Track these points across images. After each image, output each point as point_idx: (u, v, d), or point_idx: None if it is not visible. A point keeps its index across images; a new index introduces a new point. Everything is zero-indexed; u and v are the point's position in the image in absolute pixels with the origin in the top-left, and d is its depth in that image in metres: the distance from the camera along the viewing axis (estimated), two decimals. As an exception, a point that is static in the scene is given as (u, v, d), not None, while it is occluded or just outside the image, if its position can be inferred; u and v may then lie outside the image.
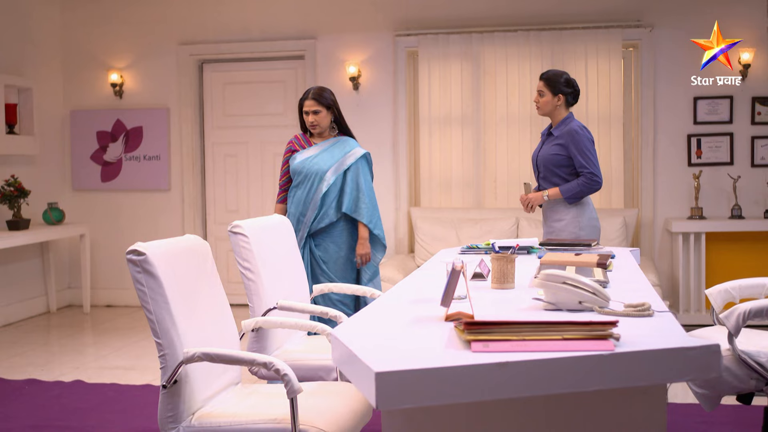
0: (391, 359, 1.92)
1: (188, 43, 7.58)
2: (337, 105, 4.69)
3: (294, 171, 4.66)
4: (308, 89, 4.64)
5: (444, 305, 2.37)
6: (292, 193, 4.66)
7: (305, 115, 4.61)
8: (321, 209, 4.58)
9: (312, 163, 4.60)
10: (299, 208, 4.60)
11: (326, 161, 4.59)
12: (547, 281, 2.53)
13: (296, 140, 4.73)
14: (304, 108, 4.61)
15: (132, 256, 2.71)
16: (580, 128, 4.45)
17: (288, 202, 4.70)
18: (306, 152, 4.64)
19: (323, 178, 4.58)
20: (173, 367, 2.68)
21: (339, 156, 4.61)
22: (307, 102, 4.58)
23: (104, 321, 7.12)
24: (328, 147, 4.63)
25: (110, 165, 7.73)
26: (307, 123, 4.61)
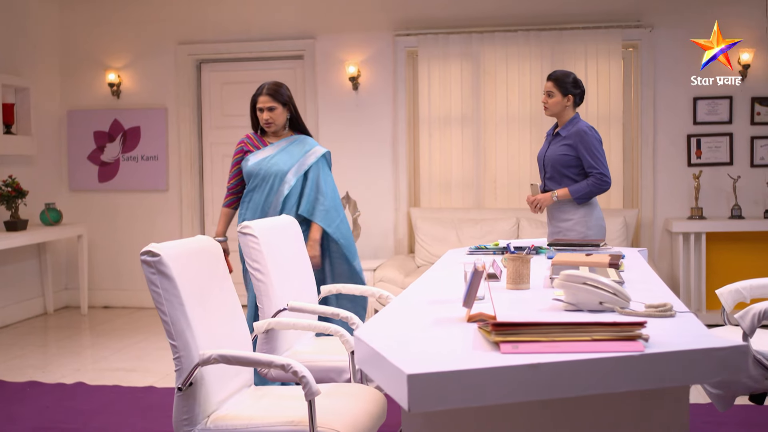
0: (421, 361, 1.89)
1: (186, 43, 7.53)
2: (293, 101, 4.39)
3: (249, 173, 4.30)
4: (262, 84, 4.31)
5: (466, 306, 2.35)
6: (248, 198, 4.32)
7: (259, 112, 4.29)
8: (281, 214, 4.25)
9: (270, 164, 4.28)
10: (257, 214, 4.28)
11: (285, 161, 4.29)
12: (567, 282, 2.52)
13: (248, 140, 4.39)
14: (258, 104, 4.29)
15: (146, 257, 2.67)
16: (589, 129, 4.44)
17: (242, 208, 4.37)
18: (261, 153, 4.31)
19: (284, 180, 4.27)
20: (189, 369, 2.64)
21: (299, 155, 4.32)
22: (262, 98, 4.27)
23: (102, 322, 7.07)
24: (286, 146, 4.33)
25: (107, 165, 7.68)
26: (261, 121, 4.29)
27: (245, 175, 4.33)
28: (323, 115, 7.35)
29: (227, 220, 4.47)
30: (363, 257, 7.16)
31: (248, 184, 4.33)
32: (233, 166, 4.41)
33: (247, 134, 4.41)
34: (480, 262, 2.43)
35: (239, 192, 4.43)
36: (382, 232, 7.28)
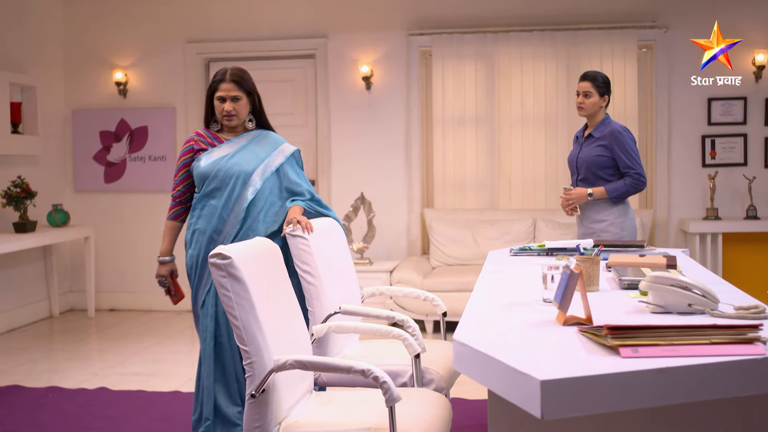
0: (549, 367, 1.83)
1: (195, 41, 7.42)
2: (258, 92, 3.71)
3: (202, 176, 3.58)
4: (222, 69, 3.62)
5: (562, 309, 2.29)
6: (201, 205, 3.59)
7: (218, 102, 3.58)
8: (245, 222, 3.57)
9: (230, 164, 3.57)
10: (212, 223, 3.57)
11: (249, 161, 3.60)
12: (655, 283, 2.47)
13: (199, 137, 3.67)
14: (219, 92, 3.57)
15: (216, 259, 2.59)
16: (624, 129, 4.41)
17: (191, 217, 3.63)
18: (217, 151, 3.61)
19: (248, 183, 3.57)
20: (262, 375, 2.57)
21: (264, 154, 3.64)
22: (225, 85, 3.57)
23: (111, 325, 6.94)
24: (248, 143, 3.65)
25: (114, 166, 7.55)
26: (221, 112, 3.58)
27: (197, 179, 3.61)
28: (335, 114, 7.27)
29: (173, 235, 3.74)
30: (376, 258, 7.09)
31: (200, 189, 3.61)
32: (179, 170, 3.68)
33: (196, 131, 3.72)
34: (572, 263, 2.37)
35: (188, 201, 3.70)
36: (395, 233, 7.21)
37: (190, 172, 3.67)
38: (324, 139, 7.30)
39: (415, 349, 3.09)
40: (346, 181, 7.26)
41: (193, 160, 3.65)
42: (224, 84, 3.57)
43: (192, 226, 3.61)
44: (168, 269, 3.75)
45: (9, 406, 4.66)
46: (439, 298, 3.80)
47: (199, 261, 3.60)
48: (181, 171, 3.69)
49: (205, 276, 3.60)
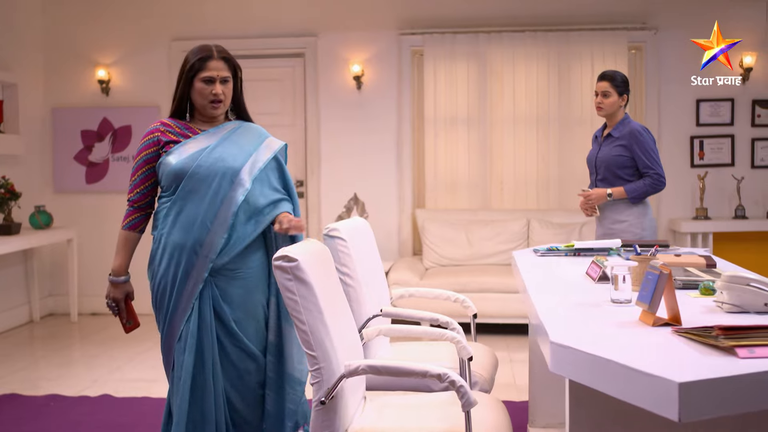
0: (679, 368, 1.80)
1: (181, 39, 7.26)
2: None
3: (176, 174, 2.89)
4: (203, 46, 3.03)
5: (651, 310, 2.26)
6: (174, 211, 2.91)
7: (204, 84, 2.94)
8: (233, 232, 2.94)
9: (212, 159, 2.91)
10: (193, 234, 2.89)
11: (235, 156, 2.96)
12: (731, 283, 2.46)
13: (166, 128, 2.99)
14: (207, 72, 2.94)
15: (282, 262, 2.50)
16: (644, 129, 4.42)
17: (162, 226, 2.94)
18: (193, 143, 2.93)
19: (236, 182, 2.93)
20: (330, 380, 2.49)
21: (251, 148, 3.03)
22: (214, 63, 2.97)
23: (97, 330, 6.74)
24: (229, 134, 3.00)
25: (96, 166, 7.34)
26: (207, 97, 2.95)
27: (166, 178, 2.92)
28: (325, 114, 7.19)
29: (130, 249, 3.03)
30: (368, 260, 7.02)
31: (171, 190, 2.93)
32: (139, 168, 2.98)
33: (160, 120, 3.03)
34: (658, 262, 2.35)
35: (149, 206, 3.04)
36: (386, 234, 7.15)
37: (153, 170, 2.97)
38: (313, 139, 7.21)
39: (468, 352, 3.04)
40: (335, 182, 7.18)
41: (158, 156, 2.95)
42: (212, 62, 2.97)
43: (163, 237, 2.93)
44: (123, 291, 3.03)
45: (10, 415, 4.48)
46: (469, 300, 3.76)
47: (176, 282, 2.91)
48: (142, 169, 2.96)
49: (183, 301, 2.91)
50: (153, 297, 3.01)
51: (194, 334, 2.91)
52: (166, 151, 2.93)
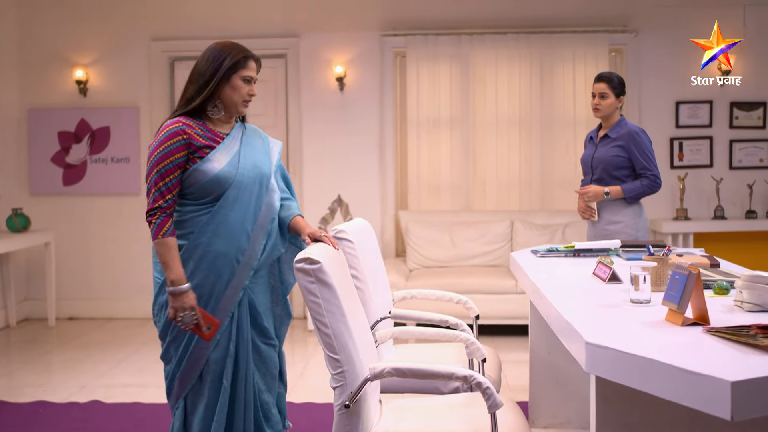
0: (726, 368, 1.81)
1: (160, 39, 7.17)
2: None
3: (220, 181, 2.83)
4: (239, 44, 2.96)
5: (681, 309, 2.28)
6: (217, 218, 2.83)
7: (244, 83, 2.90)
8: (270, 237, 2.97)
9: (247, 165, 2.90)
10: (234, 242, 2.86)
11: (262, 160, 2.98)
12: (753, 283, 2.49)
13: (190, 128, 2.83)
14: (247, 72, 2.90)
15: (304, 264, 2.48)
16: (641, 130, 4.45)
17: (199, 236, 2.83)
18: (225, 149, 2.88)
19: (270, 188, 2.97)
20: (354, 384, 2.47)
21: (264, 149, 3.04)
22: (252, 63, 2.94)
23: (76, 335, 6.62)
24: (245, 138, 2.98)
25: (73, 168, 7.21)
26: (243, 96, 2.89)
27: (204, 186, 2.82)
28: (307, 115, 7.14)
29: (178, 255, 2.81)
30: (352, 262, 6.99)
31: (210, 198, 2.85)
32: (171, 171, 2.79)
33: (180, 120, 2.84)
34: (686, 263, 2.36)
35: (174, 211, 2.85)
36: (369, 236, 7.10)
37: (181, 175, 2.81)
38: (295, 140, 7.16)
39: (482, 354, 3.03)
40: (318, 183, 7.14)
41: (185, 159, 2.81)
42: (251, 62, 2.94)
43: (200, 247, 2.83)
44: (194, 297, 2.80)
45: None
46: (471, 301, 3.76)
47: (214, 291, 2.85)
48: (174, 173, 2.78)
49: (221, 311, 2.86)
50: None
51: (234, 340, 2.90)
52: (200, 157, 2.82)
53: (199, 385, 2.90)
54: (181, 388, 2.90)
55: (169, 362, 2.92)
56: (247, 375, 2.92)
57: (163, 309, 2.87)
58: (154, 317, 2.93)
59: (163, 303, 2.86)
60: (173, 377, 2.90)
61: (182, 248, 2.84)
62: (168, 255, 2.77)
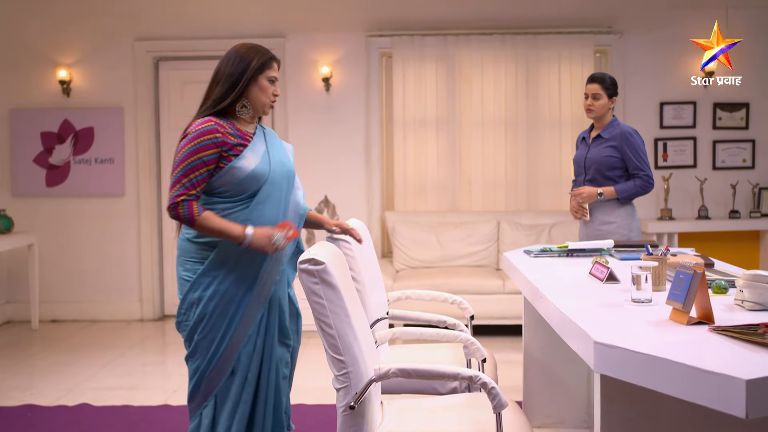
0: (738, 366, 1.82)
1: (145, 39, 7.11)
2: None
3: (256, 178, 2.90)
4: (261, 45, 3.04)
5: (686, 309, 2.29)
6: (253, 215, 2.90)
7: (269, 83, 2.99)
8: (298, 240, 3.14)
9: (278, 162, 2.99)
10: None
11: (287, 158, 3.09)
12: (753, 282, 2.51)
13: (222, 128, 2.87)
14: (272, 72, 2.99)
15: (308, 265, 2.47)
16: (634, 131, 4.47)
17: None
18: (256, 148, 2.94)
19: (294, 185, 3.10)
20: (359, 385, 2.46)
21: (284, 149, 3.14)
22: (275, 64, 3.02)
23: (61, 338, 6.55)
24: (267, 136, 3.06)
25: (57, 168, 7.13)
26: (269, 98, 2.99)
27: (241, 183, 2.88)
28: (293, 116, 7.12)
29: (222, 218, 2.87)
30: (339, 262, 6.98)
31: (245, 195, 2.91)
32: (197, 168, 2.82)
33: (211, 119, 2.88)
34: (690, 262, 2.38)
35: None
36: (356, 237, 7.09)
37: (211, 172, 2.84)
38: (281, 141, 7.13)
39: (482, 354, 3.04)
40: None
41: (217, 158, 2.84)
42: (274, 63, 3.01)
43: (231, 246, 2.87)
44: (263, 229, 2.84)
45: (-13, 427, 4.33)
46: (466, 302, 3.77)
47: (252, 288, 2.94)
48: (201, 169, 2.81)
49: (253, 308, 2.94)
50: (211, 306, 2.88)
51: (262, 337, 2.97)
52: (235, 155, 2.87)
53: (231, 380, 2.93)
54: (212, 385, 2.91)
55: (197, 361, 2.92)
56: (270, 370, 2.98)
57: (192, 307, 2.89)
58: (181, 316, 2.94)
59: (193, 301, 2.89)
60: (202, 376, 2.92)
61: (218, 246, 2.87)
62: (216, 222, 2.82)
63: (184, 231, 2.98)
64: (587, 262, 3.70)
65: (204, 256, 2.91)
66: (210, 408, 2.92)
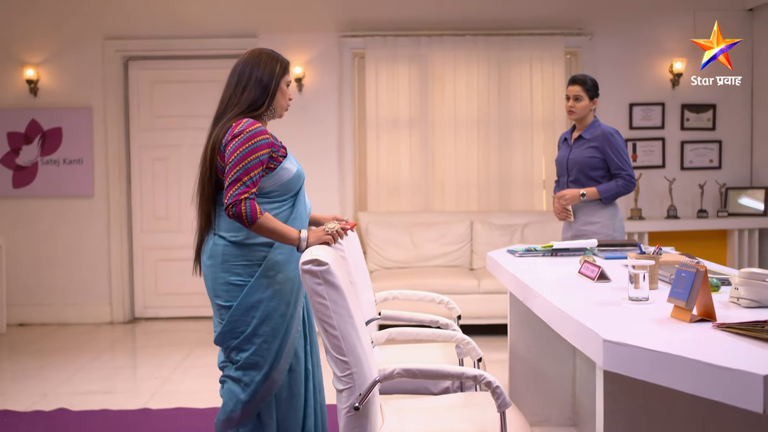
0: (751, 361, 1.85)
1: (114, 38, 7.01)
2: None
3: (298, 178, 3.06)
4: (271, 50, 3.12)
5: (689, 307, 2.33)
6: (294, 213, 3.03)
7: (286, 88, 3.09)
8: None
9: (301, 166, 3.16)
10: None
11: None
12: (749, 279, 2.56)
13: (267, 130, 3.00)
14: (290, 77, 3.13)
15: (312, 266, 2.45)
16: (615, 131, 4.52)
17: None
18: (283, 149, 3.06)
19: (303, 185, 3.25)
20: (363, 385, 2.46)
21: None
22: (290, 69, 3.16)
23: (30, 341, 6.42)
24: None
25: (24, 169, 7.00)
26: (286, 101, 3.10)
27: (287, 183, 3.00)
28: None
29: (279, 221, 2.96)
30: (313, 263, 6.95)
31: (288, 194, 3.03)
32: (256, 167, 2.88)
33: (255, 121, 2.97)
34: (694, 260, 2.41)
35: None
36: (329, 238, 7.07)
37: (262, 173, 2.91)
38: (254, 142, 7.08)
39: (478, 353, 3.05)
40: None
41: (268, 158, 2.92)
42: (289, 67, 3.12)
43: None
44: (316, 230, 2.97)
45: (-38, 434, 4.23)
46: (453, 302, 3.78)
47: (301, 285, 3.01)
48: (258, 168, 2.88)
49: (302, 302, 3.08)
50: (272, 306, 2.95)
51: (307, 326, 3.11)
52: (283, 156, 2.99)
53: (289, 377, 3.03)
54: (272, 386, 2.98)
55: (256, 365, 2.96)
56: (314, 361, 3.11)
57: (251, 310, 2.92)
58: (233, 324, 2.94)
59: (252, 304, 2.92)
60: (265, 378, 2.97)
61: (273, 245, 2.94)
62: (274, 223, 2.86)
63: (226, 235, 2.96)
64: (572, 261, 3.74)
65: (260, 258, 2.94)
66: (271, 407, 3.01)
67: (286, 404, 3.04)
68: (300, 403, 3.06)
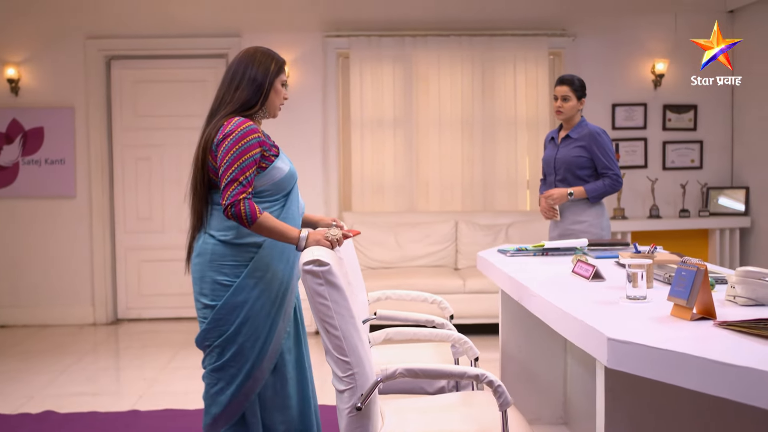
0: (759, 359, 1.87)
1: (96, 37, 6.95)
2: None
3: (290, 177, 3.04)
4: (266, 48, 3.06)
5: (689, 305, 2.35)
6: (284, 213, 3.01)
7: (283, 87, 3.07)
8: None
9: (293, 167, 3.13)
10: None
11: None
12: (747, 278, 2.59)
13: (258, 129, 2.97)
14: (285, 76, 3.07)
15: (313, 266, 2.45)
16: (602, 131, 4.55)
17: None
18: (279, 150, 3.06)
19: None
20: (365, 386, 2.45)
21: None
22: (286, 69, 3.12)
23: (11, 344, 6.35)
24: None
25: (5, 170, 6.92)
26: (280, 100, 3.07)
27: (279, 183, 2.99)
28: (250, 116, 7.04)
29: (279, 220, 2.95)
30: (298, 264, 6.94)
31: (281, 194, 3.02)
32: (250, 167, 2.85)
33: (246, 120, 2.94)
34: (694, 259, 2.44)
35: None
36: (314, 238, 7.06)
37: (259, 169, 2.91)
38: (238, 142, 7.05)
39: (475, 353, 3.06)
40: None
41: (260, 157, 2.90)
42: (285, 66, 3.07)
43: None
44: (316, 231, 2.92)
45: (-53, 437, 4.18)
46: (446, 301, 3.78)
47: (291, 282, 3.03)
48: (253, 168, 2.85)
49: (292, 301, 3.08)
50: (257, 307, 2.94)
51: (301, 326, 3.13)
52: (274, 155, 2.96)
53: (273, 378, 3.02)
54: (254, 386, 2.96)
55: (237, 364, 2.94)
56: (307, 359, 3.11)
57: (236, 310, 2.89)
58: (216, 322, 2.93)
59: (237, 304, 2.90)
60: (247, 378, 2.94)
61: (262, 245, 2.92)
62: (274, 222, 2.85)
63: (216, 234, 2.95)
64: (563, 261, 3.76)
65: (247, 258, 2.92)
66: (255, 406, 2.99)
67: (270, 404, 3.03)
68: (285, 401, 3.04)
